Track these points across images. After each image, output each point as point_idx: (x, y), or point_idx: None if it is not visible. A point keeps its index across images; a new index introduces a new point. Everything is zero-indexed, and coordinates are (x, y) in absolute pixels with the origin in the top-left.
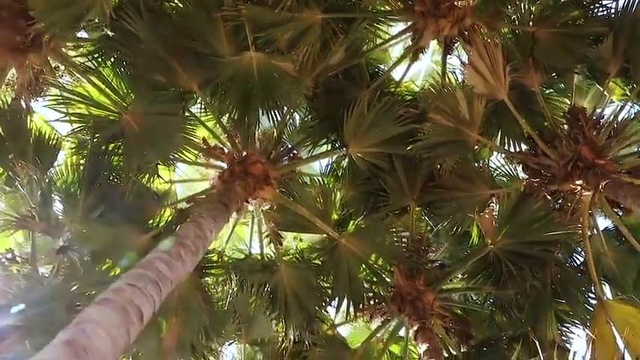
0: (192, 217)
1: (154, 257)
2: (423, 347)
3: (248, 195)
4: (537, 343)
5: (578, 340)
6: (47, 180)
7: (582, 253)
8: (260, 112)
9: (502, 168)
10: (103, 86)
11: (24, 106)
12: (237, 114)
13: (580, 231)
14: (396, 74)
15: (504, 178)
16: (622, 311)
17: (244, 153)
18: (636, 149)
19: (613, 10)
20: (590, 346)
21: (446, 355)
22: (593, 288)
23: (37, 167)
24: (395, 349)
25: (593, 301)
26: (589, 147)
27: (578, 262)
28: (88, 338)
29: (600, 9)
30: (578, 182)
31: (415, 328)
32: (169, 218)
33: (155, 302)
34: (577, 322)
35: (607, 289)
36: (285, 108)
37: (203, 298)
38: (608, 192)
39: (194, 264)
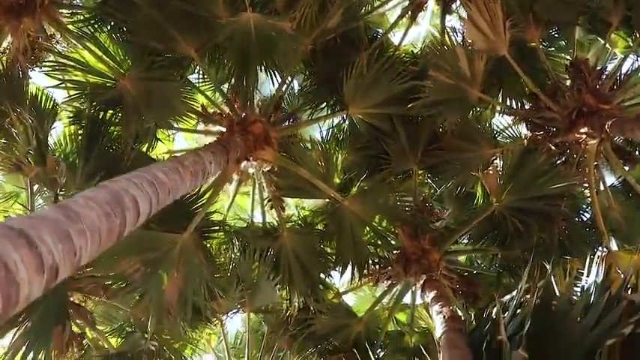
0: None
1: (151, 166)
2: (430, 295)
3: (248, 150)
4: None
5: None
6: (44, 132)
7: (588, 209)
8: (258, 72)
9: (505, 132)
10: (99, 53)
11: (20, 72)
12: (235, 75)
13: (586, 184)
14: (396, 39)
15: (507, 140)
16: (631, 261)
17: (243, 114)
18: None
19: None
20: None
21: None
22: (601, 241)
23: (34, 122)
24: (401, 316)
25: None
26: (592, 95)
27: (585, 218)
28: (80, 206)
29: None
30: (582, 130)
31: (421, 281)
32: None
33: (152, 201)
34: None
35: (613, 245)
36: (284, 70)
37: (205, 258)
38: (615, 131)
39: (192, 187)
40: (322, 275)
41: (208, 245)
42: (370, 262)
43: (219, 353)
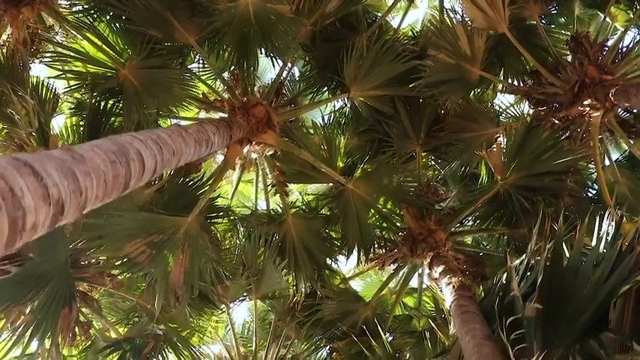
0: None
1: (154, 129)
2: (438, 269)
3: (250, 132)
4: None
5: None
6: (45, 115)
7: (594, 185)
8: (259, 59)
9: (507, 111)
10: (99, 42)
11: (21, 63)
12: (235, 59)
13: (591, 158)
14: (394, 23)
15: (510, 119)
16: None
17: (245, 99)
18: None
19: None
20: None
21: None
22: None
23: (36, 107)
24: (409, 301)
25: None
26: (595, 66)
27: (592, 194)
28: (85, 151)
29: None
30: (586, 102)
31: (429, 259)
32: (171, 172)
33: (156, 158)
34: None
35: None
36: (284, 54)
37: (210, 241)
38: (619, 98)
39: (197, 155)
40: (328, 260)
41: (213, 232)
42: (376, 245)
43: (226, 342)
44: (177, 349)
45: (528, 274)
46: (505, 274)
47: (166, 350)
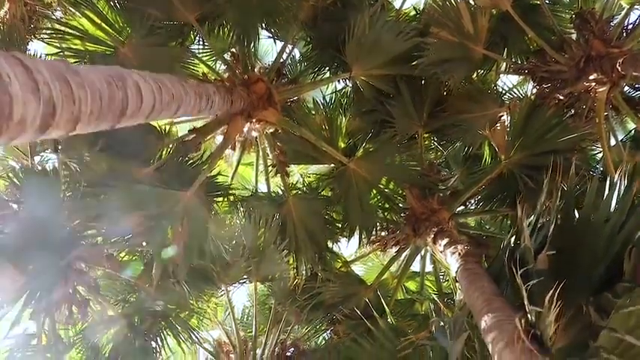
0: None
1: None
2: (443, 242)
3: (251, 107)
4: None
5: None
6: None
7: (598, 166)
8: (260, 41)
9: (510, 92)
10: (98, 20)
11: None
12: (235, 37)
13: (596, 136)
14: (397, 4)
15: (513, 100)
16: None
17: (246, 76)
18: None
19: None
20: None
21: None
22: None
23: None
24: (411, 285)
25: None
26: (601, 40)
27: (598, 173)
28: (80, 68)
29: None
30: (592, 77)
31: (432, 235)
32: (171, 151)
33: (155, 96)
34: None
35: None
36: (286, 31)
37: (210, 217)
38: (627, 67)
39: (197, 109)
40: (330, 243)
41: (213, 211)
42: (378, 226)
43: (226, 327)
44: (175, 329)
45: (538, 233)
46: (513, 237)
47: (164, 332)
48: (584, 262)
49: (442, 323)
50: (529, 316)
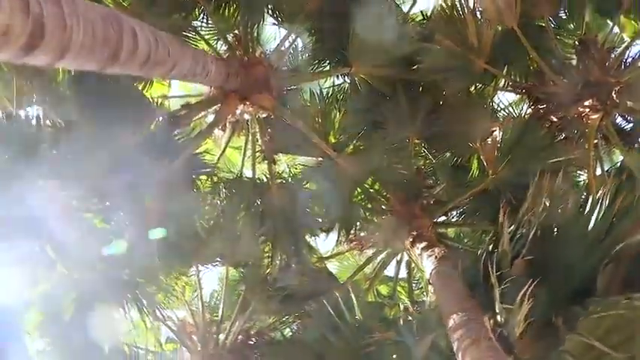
0: None
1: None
2: (421, 245)
3: (247, 86)
4: None
5: None
6: None
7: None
8: (265, 18)
9: (506, 110)
10: None
11: None
12: (240, 15)
13: (583, 163)
14: (405, 8)
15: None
16: None
17: (246, 58)
18: None
19: None
20: None
21: None
22: None
23: None
24: (383, 289)
25: None
26: (600, 68)
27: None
28: (78, 4)
29: None
30: (587, 103)
31: (411, 238)
32: (160, 124)
33: (151, 46)
34: None
35: None
36: (291, 17)
37: (190, 193)
38: (622, 96)
39: (191, 73)
40: (308, 236)
41: (195, 190)
42: (358, 225)
43: (192, 307)
44: (140, 302)
45: (517, 241)
46: (492, 244)
47: (129, 304)
48: (559, 275)
49: (410, 320)
50: (498, 317)
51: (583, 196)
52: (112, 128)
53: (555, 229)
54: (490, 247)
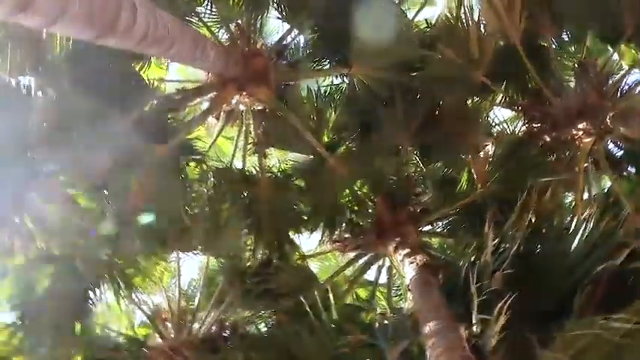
0: None
1: None
2: (403, 252)
3: (246, 76)
4: None
5: None
6: None
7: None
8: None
9: (500, 126)
10: None
11: None
12: (245, 5)
13: (572, 186)
14: (410, 15)
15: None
16: None
17: (247, 49)
18: None
19: None
20: None
21: None
22: None
23: None
24: (362, 293)
25: None
26: (597, 92)
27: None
28: None
29: None
30: (581, 126)
31: (394, 245)
32: (155, 106)
33: (150, 22)
34: None
35: None
36: (294, 12)
37: (178, 179)
38: (617, 122)
39: (190, 56)
40: (292, 232)
41: (183, 176)
42: (343, 226)
43: (169, 294)
44: (116, 284)
45: (499, 255)
46: (474, 256)
47: (105, 284)
48: (538, 291)
49: (385, 324)
50: (474, 327)
51: (568, 218)
52: (104, 105)
53: (538, 247)
54: (472, 258)
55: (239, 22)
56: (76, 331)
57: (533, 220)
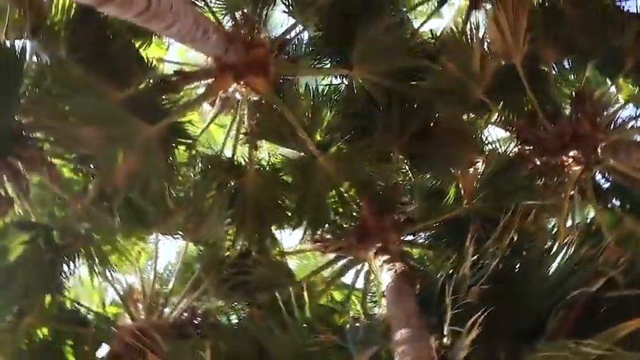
0: None
1: None
2: (383, 258)
3: (245, 65)
4: None
5: None
6: None
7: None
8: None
9: (493, 144)
10: None
11: None
12: None
13: (555, 212)
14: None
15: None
16: None
17: (249, 38)
18: None
19: None
20: None
21: None
22: None
23: None
24: (337, 295)
25: None
26: (591, 122)
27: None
28: None
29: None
30: (572, 153)
31: (375, 250)
32: (151, 86)
33: None
34: None
35: None
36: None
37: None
38: (607, 153)
39: (190, 37)
40: (274, 227)
41: (170, 157)
42: (326, 226)
43: (144, 275)
44: (91, 259)
45: (478, 270)
46: (452, 269)
47: (80, 258)
48: (513, 310)
49: (357, 328)
50: (445, 339)
51: (550, 241)
52: (99, 78)
53: (518, 266)
54: (450, 270)
55: (245, 10)
56: (45, 302)
57: (514, 240)
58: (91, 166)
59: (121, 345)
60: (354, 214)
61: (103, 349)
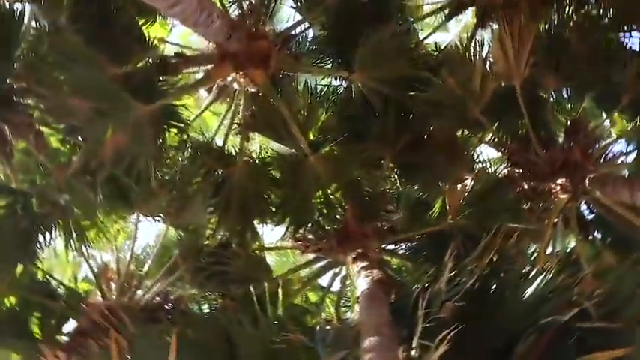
0: None
1: None
2: (361, 264)
3: (246, 55)
4: None
5: None
6: None
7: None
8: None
9: (483, 164)
10: None
11: None
12: None
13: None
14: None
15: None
16: None
17: (254, 29)
18: None
19: None
20: None
21: None
22: None
23: None
24: (312, 296)
25: None
26: (582, 153)
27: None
28: None
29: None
30: (560, 181)
31: (354, 255)
32: (149, 65)
33: None
34: None
35: None
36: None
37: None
38: (594, 185)
39: (193, 20)
40: (256, 221)
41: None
42: (309, 226)
43: (120, 255)
44: (69, 232)
45: (454, 286)
46: (428, 283)
47: (57, 230)
48: (484, 330)
49: (327, 330)
50: (413, 351)
51: (529, 266)
52: (98, 51)
53: (494, 287)
54: (427, 284)
55: (252, 0)
56: (17, 271)
57: (494, 260)
58: (80, 139)
59: (88, 322)
60: (338, 216)
61: (70, 324)
